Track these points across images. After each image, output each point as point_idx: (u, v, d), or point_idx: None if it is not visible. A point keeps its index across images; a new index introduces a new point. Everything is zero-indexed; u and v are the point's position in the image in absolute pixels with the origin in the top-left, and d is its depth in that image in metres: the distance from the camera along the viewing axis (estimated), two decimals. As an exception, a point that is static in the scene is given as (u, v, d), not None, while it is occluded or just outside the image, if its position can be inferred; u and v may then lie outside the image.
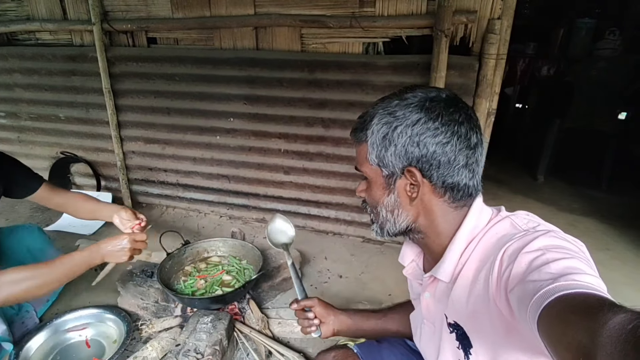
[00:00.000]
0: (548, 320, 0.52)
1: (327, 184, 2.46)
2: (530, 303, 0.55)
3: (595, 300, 0.50)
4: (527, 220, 0.75)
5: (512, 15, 1.91)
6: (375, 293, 2.08)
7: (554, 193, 3.37)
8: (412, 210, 0.81)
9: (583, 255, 0.65)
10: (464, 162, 0.75)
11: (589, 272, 0.58)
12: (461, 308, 0.78)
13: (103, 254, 1.48)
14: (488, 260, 0.72)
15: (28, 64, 2.78)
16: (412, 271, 0.98)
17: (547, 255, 0.62)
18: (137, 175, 2.91)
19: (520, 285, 0.61)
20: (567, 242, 0.67)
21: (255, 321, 1.76)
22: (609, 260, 2.40)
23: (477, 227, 0.78)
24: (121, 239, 1.50)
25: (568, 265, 0.59)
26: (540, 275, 0.58)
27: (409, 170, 0.77)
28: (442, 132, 0.74)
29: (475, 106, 2.04)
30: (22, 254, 1.76)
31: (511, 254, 0.67)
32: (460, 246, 0.78)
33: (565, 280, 0.55)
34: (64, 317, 1.74)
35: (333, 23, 2.10)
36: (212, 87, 2.44)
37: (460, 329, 0.80)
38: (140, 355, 1.56)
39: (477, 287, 0.74)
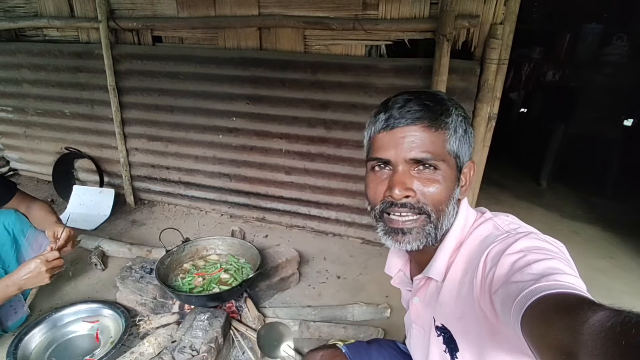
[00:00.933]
0: (531, 320, 0.52)
1: (327, 185, 2.47)
2: (513, 304, 0.56)
3: (575, 299, 0.51)
4: (509, 222, 0.77)
5: (515, 20, 1.91)
6: (372, 294, 2.09)
7: (557, 199, 3.35)
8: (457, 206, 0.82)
9: (563, 255, 0.66)
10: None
11: (569, 272, 0.59)
12: (448, 311, 0.79)
13: (19, 285, 1.45)
14: (473, 262, 0.73)
15: (36, 59, 2.82)
16: (399, 280, 0.99)
17: (529, 256, 0.63)
18: (139, 172, 2.94)
19: (504, 287, 0.62)
20: (548, 244, 0.68)
21: (251, 320, 1.77)
22: (611, 269, 2.38)
23: (466, 227, 0.80)
24: (32, 265, 1.45)
25: (549, 266, 0.60)
26: (523, 277, 0.59)
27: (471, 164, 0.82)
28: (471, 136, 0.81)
29: (476, 111, 2.04)
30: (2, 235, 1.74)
31: (494, 256, 0.68)
32: (451, 245, 0.80)
33: (547, 280, 0.56)
34: (63, 312, 1.76)
35: (336, 25, 2.11)
36: (215, 86, 2.46)
37: (447, 332, 0.81)
38: (137, 351, 1.58)
39: (464, 289, 0.75)
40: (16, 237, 1.74)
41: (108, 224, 2.73)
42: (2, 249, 1.72)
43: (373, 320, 1.91)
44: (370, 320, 1.92)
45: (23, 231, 1.75)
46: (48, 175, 3.08)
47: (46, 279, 1.47)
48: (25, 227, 1.75)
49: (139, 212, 2.93)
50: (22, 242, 1.76)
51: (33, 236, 1.77)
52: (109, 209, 2.83)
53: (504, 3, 1.87)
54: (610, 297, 2.12)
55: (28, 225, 1.76)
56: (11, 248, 1.73)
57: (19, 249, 1.75)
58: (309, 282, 2.20)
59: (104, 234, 2.56)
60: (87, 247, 2.34)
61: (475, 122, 2.06)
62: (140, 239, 2.54)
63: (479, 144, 2.11)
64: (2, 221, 1.72)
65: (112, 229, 2.67)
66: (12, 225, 1.74)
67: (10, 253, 1.73)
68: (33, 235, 1.77)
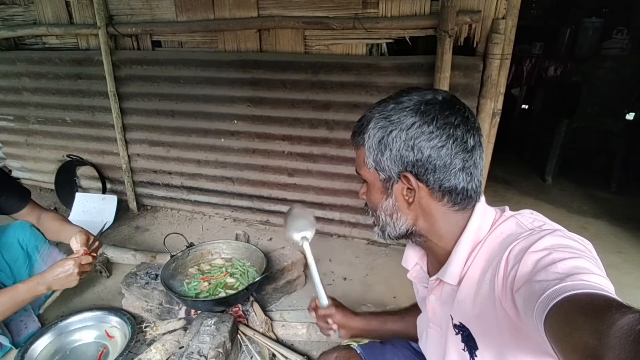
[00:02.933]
0: (555, 321, 0.51)
1: (331, 186, 2.45)
2: (536, 303, 0.55)
3: (602, 300, 0.49)
4: (533, 219, 0.74)
5: (517, 15, 1.89)
6: (380, 295, 2.07)
7: (563, 195, 3.32)
8: (411, 214, 0.80)
9: (590, 254, 0.63)
10: (461, 166, 0.74)
11: (596, 271, 0.57)
12: (467, 309, 0.77)
13: (49, 283, 1.44)
14: (494, 261, 0.71)
15: (35, 67, 2.82)
16: (416, 274, 0.96)
17: (553, 254, 0.61)
18: (142, 178, 2.93)
19: (527, 285, 0.60)
20: (574, 241, 0.65)
21: (259, 324, 1.75)
22: (621, 264, 2.35)
23: (482, 229, 0.77)
24: (66, 265, 1.44)
25: (575, 265, 0.58)
26: (547, 275, 0.57)
27: (404, 175, 0.76)
28: (437, 135, 0.72)
29: (480, 107, 2.02)
30: (16, 250, 1.76)
31: (517, 254, 0.66)
32: (466, 248, 0.77)
33: (572, 280, 0.54)
34: (69, 320, 1.75)
35: (336, 24, 2.09)
36: (216, 89, 2.45)
37: (466, 330, 0.79)
38: (145, 358, 1.56)
39: (484, 287, 0.73)
40: (30, 253, 1.74)
41: (112, 231, 2.71)
42: (15, 264, 1.72)
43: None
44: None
45: (37, 247, 1.74)
46: (50, 183, 3.07)
47: (75, 282, 1.46)
48: (40, 243, 1.75)
49: (142, 218, 2.92)
50: (36, 258, 1.76)
51: (47, 252, 1.77)
52: (112, 215, 2.82)
53: (505, -2, 1.86)
54: (623, 292, 2.09)
55: (43, 241, 1.76)
56: (24, 263, 1.73)
57: (32, 265, 1.74)
58: (315, 284, 2.18)
59: (108, 240, 2.54)
60: (91, 255, 2.32)
61: (479, 118, 2.03)
62: (145, 245, 2.53)
63: (483, 140, 2.08)
64: (16, 236, 1.72)
65: (116, 236, 2.66)
66: (26, 241, 1.74)
67: (22, 268, 1.72)
68: (47, 251, 1.77)
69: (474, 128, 0.75)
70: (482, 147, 0.77)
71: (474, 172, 0.76)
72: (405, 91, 0.78)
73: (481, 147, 0.77)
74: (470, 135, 0.74)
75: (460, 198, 0.77)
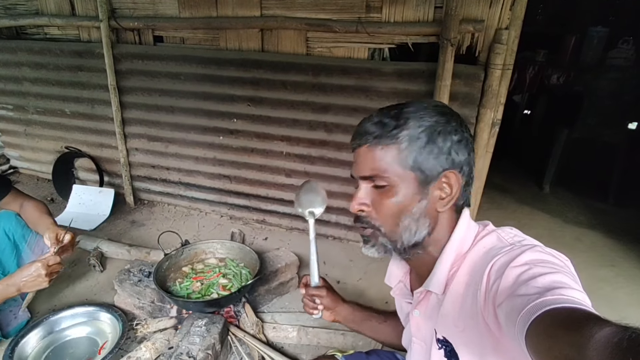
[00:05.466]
0: (536, 334, 0.52)
1: (328, 188, 2.44)
2: (518, 318, 0.56)
3: (581, 314, 0.50)
4: (513, 235, 0.76)
5: (520, 25, 1.88)
6: (372, 300, 2.07)
7: (560, 204, 3.31)
8: (432, 219, 0.78)
9: (568, 269, 0.65)
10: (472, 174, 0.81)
11: (575, 286, 0.59)
12: (450, 323, 0.78)
13: (18, 286, 1.43)
14: (476, 275, 0.72)
15: (36, 58, 2.81)
16: (399, 292, 0.97)
17: (533, 269, 0.62)
18: (139, 172, 2.93)
19: (508, 299, 0.61)
20: (552, 257, 0.67)
21: (250, 325, 1.75)
22: (614, 278, 2.35)
23: (466, 241, 0.78)
24: (32, 268, 1.43)
25: (554, 280, 0.59)
26: (528, 290, 0.59)
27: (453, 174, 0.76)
28: (465, 142, 0.77)
29: (479, 116, 2.02)
30: (2, 241, 1.73)
31: (499, 269, 0.67)
32: (449, 257, 0.78)
33: (552, 294, 0.55)
34: (60, 315, 1.75)
35: (339, 27, 2.08)
36: (216, 87, 2.44)
37: (449, 345, 0.80)
38: (134, 356, 1.57)
39: (467, 302, 0.74)
40: (17, 243, 1.73)
41: (107, 224, 2.72)
42: (3, 254, 1.71)
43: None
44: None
45: (24, 236, 1.74)
46: (48, 173, 3.07)
47: (45, 283, 1.46)
48: (27, 233, 1.74)
49: (139, 213, 2.92)
50: (24, 247, 1.75)
51: (34, 241, 1.76)
52: (109, 209, 2.82)
53: (509, 8, 1.85)
54: (613, 307, 2.10)
55: (29, 230, 1.75)
56: (12, 253, 1.72)
57: (19, 254, 1.74)
58: (308, 286, 2.18)
59: (103, 234, 2.55)
60: (86, 248, 2.32)
61: (478, 128, 2.03)
62: (140, 240, 2.53)
63: (482, 150, 2.09)
64: (2, 226, 1.71)
65: (111, 229, 2.66)
66: (12, 231, 1.73)
67: (10, 258, 1.71)
68: (34, 240, 1.76)
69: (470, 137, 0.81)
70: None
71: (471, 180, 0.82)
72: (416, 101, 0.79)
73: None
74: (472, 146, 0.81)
75: (462, 203, 0.82)
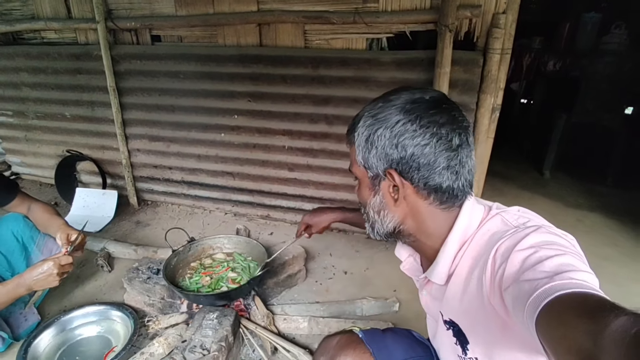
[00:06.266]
0: (547, 322, 0.51)
1: (330, 181, 2.46)
2: (526, 303, 0.55)
3: (594, 301, 0.50)
4: (518, 216, 0.75)
5: (517, 9, 1.89)
6: (380, 289, 2.08)
7: (560, 188, 3.34)
8: (398, 212, 0.81)
9: (574, 249, 0.65)
10: (445, 164, 0.74)
11: (583, 268, 0.58)
12: (455, 306, 0.79)
13: (28, 284, 1.44)
14: (481, 259, 0.72)
15: (34, 62, 2.81)
16: (409, 266, 0.98)
17: (540, 252, 0.62)
18: (142, 173, 2.93)
19: (515, 284, 0.61)
20: (558, 237, 0.67)
21: (260, 317, 1.76)
22: (617, 257, 2.38)
23: (470, 228, 0.78)
24: (45, 266, 1.44)
25: (562, 262, 0.59)
26: (535, 274, 0.58)
27: (389, 173, 0.77)
28: (421, 133, 0.73)
29: (479, 102, 2.03)
30: (11, 243, 1.74)
31: (503, 252, 0.67)
32: (453, 248, 0.78)
33: (561, 279, 0.55)
34: (71, 314, 1.76)
35: (336, 19, 2.09)
36: (216, 84, 2.45)
37: (456, 326, 0.82)
38: (148, 351, 1.57)
39: (471, 286, 0.74)
40: (25, 244, 1.74)
41: (112, 226, 2.72)
42: (12, 256, 1.72)
43: (382, 315, 1.91)
44: (379, 314, 1.91)
45: (32, 238, 1.74)
46: (50, 178, 3.07)
47: (55, 282, 1.46)
48: (35, 234, 1.75)
49: (143, 213, 2.92)
50: (32, 248, 1.76)
51: (43, 242, 1.77)
52: (113, 210, 2.82)
53: (506, -8, 1.86)
54: (619, 284, 2.12)
55: (37, 232, 1.76)
56: (21, 255, 1.73)
57: (28, 256, 1.75)
58: (315, 278, 2.20)
59: (109, 235, 2.55)
60: (93, 249, 2.33)
61: (478, 113, 2.04)
62: (145, 240, 2.53)
63: (483, 135, 2.10)
64: (10, 228, 1.72)
65: (116, 231, 2.67)
66: (21, 233, 1.74)
67: (19, 260, 1.72)
68: (43, 242, 1.77)
69: (461, 127, 0.75)
70: (470, 147, 0.77)
71: (460, 170, 0.76)
72: (396, 90, 0.80)
73: (469, 146, 0.77)
74: (455, 134, 0.74)
75: (447, 197, 0.77)
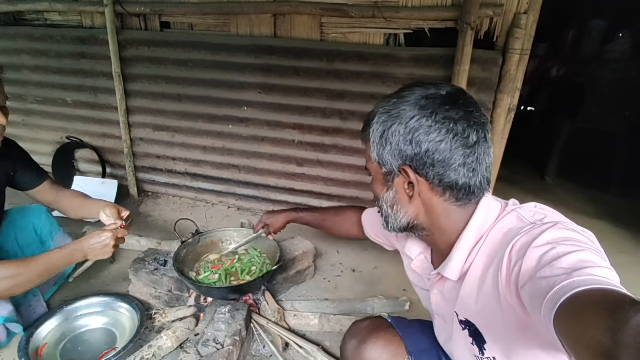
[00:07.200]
0: (565, 318, 0.50)
1: (341, 177, 2.43)
2: (544, 300, 0.54)
3: (613, 297, 0.49)
4: (534, 212, 0.74)
5: (539, 10, 1.89)
6: (389, 288, 2.05)
7: (565, 195, 3.36)
8: (411, 208, 0.80)
9: (593, 245, 0.63)
10: (461, 161, 0.73)
11: (602, 264, 0.57)
12: (471, 305, 0.77)
13: (85, 252, 1.41)
14: (496, 256, 0.71)
15: (36, 44, 2.71)
16: (419, 264, 0.96)
17: (557, 248, 0.60)
18: (144, 163, 2.86)
19: (532, 281, 0.59)
20: (576, 233, 0.65)
21: (270, 313, 1.72)
22: (629, 264, 2.37)
23: (485, 224, 0.77)
24: (102, 236, 1.42)
25: (580, 258, 0.57)
26: (552, 271, 0.57)
27: (404, 169, 0.76)
28: (436, 129, 0.72)
29: (496, 101, 2.02)
30: (29, 235, 1.73)
31: (519, 249, 0.65)
32: (467, 244, 0.77)
33: (579, 275, 0.53)
34: (75, 304, 1.69)
35: (355, 12, 2.06)
36: (226, 74, 2.39)
37: (472, 326, 0.80)
38: (155, 345, 1.52)
39: (487, 283, 0.73)
40: (43, 239, 1.71)
41: (112, 216, 2.64)
42: (28, 249, 1.68)
43: (393, 313, 1.87)
44: (391, 313, 1.88)
45: (52, 233, 1.71)
46: (48, 165, 2.96)
47: (109, 253, 1.44)
48: (55, 230, 1.72)
49: (144, 204, 2.85)
50: (50, 244, 1.72)
51: (62, 239, 1.74)
52: (112, 200, 2.75)
53: (528, -8, 1.85)
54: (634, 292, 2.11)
55: (57, 228, 1.73)
56: (37, 249, 1.68)
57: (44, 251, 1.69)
58: (324, 275, 2.16)
59: (109, 225, 2.48)
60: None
61: (495, 113, 2.03)
62: (147, 231, 2.46)
63: (498, 136, 2.09)
64: (32, 221, 1.69)
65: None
66: (41, 227, 1.71)
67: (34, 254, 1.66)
68: (62, 238, 1.74)
69: (477, 123, 0.73)
70: (487, 143, 0.75)
71: (477, 167, 0.75)
72: (409, 85, 0.78)
73: (486, 142, 0.75)
74: (472, 130, 0.73)
75: (463, 194, 0.76)
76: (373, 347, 1.04)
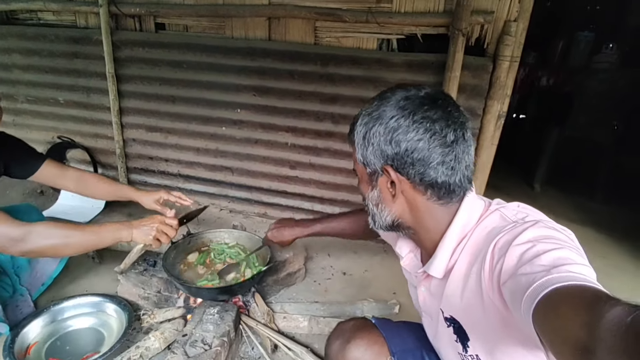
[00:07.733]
0: (543, 313, 0.52)
1: (333, 180, 2.44)
2: (524, 297, 0.56)
3: (590, 293, 0.50)
4: (517, 212, 0.76)
5: (528, 18, 1.93)
6: (379, 291, 2.06)
7: (551, 203, 3.39)
8: (395, 207, 0.82)
9: (572, 243, 0.65)
10: (440, 159, 0.74)
11: (580, 261, 0.59)
12: (456, 303, 0.79)
13: (133, 232, 1.40)
14: (480, 254, 0.72)
15: (28, 44, 2.69)
16: (409, 262, 0.98)
17: (537, 246, 0.62)
18: (136, 164, 2.84)
19: (513, 278, 0.61)
20: (556, 232, 0.67)
21: (260, 315, 1.72)
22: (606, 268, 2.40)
23: (469, 223, 0.79)
24: (153, 221, 1.42)
25: (559, 256, 0.59)
26: (532, 268, 0.58)
27: (385, 169, 0.78)
28: (414, 129, 0.74)
29: (487, 108, 2.05)
30: None
31: (501, 247, 0.67)
32: (451, 243, 0.79)
33: (558, 272, 0.55)
34: (63, 304, 1.67)
35: (349, 17, 2.08)
36: (220, 76, 2.40)
37: (456, 323, 0.82)
38: (143, 346, 1.51)
39: (470, 281, 0.74)
40: None
41: (102, 217, 2.62)
42: None
43: (382, 316, 1.88)
44: (380, 316, 1.88)
45: None
46: (37, 165, 2.94)
47: (150, 239, 1.41)
48: None
49: (134, 205, 2.80)
50: None
51: None
52: (103, 201, 2.72)
53: (518, 0, 1.89)
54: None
55: None
56: None
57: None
58: (314, 278, 2.16)
59: (99, 226, 2.45)
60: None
61: (485, 119, 2.06)
62: (138, 232, 2.44)
63: (488, 142, 2.12)
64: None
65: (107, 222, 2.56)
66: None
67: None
68: None
69: (456, 123, 0.75)
70: (467, 142, 0.77)
71: (456, 166, 0.76)
72: (391, 88, 0.81)
73: (465, 142, 0.77)
74: (450, 130, 0.74)
75: (444, 192, 0.78)
76: (356, 347, 1.06)
